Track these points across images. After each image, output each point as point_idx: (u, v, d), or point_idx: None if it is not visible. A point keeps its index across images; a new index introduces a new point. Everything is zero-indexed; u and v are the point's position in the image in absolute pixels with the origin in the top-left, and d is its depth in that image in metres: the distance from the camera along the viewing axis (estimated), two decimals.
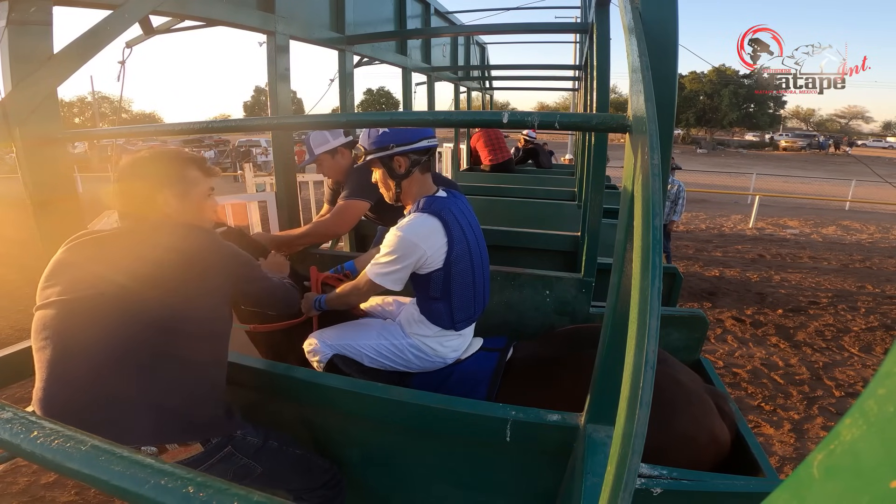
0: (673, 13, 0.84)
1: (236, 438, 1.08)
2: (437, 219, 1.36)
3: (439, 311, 1.42)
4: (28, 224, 1.34)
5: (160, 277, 0.98)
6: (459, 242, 1.38)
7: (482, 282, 1.50)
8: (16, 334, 3.84)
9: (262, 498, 0.42)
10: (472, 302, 1.46)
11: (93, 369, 0.93)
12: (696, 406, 1.23)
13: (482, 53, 6.11)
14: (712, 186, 13.97)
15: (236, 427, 1.09)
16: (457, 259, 1.37)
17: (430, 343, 1.46)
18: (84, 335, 0.94)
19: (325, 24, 2.52)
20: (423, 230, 1.34)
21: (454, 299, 1.40)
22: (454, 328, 1.44)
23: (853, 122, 46.95)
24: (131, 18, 1.33)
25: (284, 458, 1.18)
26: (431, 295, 1.41)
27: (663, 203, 0.66)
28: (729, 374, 3.34)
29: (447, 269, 1.37)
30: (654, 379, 0.52)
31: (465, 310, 1.44)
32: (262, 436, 1.14)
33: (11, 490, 2.24)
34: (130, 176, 1.10)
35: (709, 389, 1.35)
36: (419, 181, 1.45)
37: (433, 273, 1.38)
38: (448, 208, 1.39)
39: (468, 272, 1.41)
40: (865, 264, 6.33)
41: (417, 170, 1.44)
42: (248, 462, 1.10)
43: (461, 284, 1.40)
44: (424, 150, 1.44)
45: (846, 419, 0.18)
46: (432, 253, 1.34)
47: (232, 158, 19.91)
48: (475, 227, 1.50)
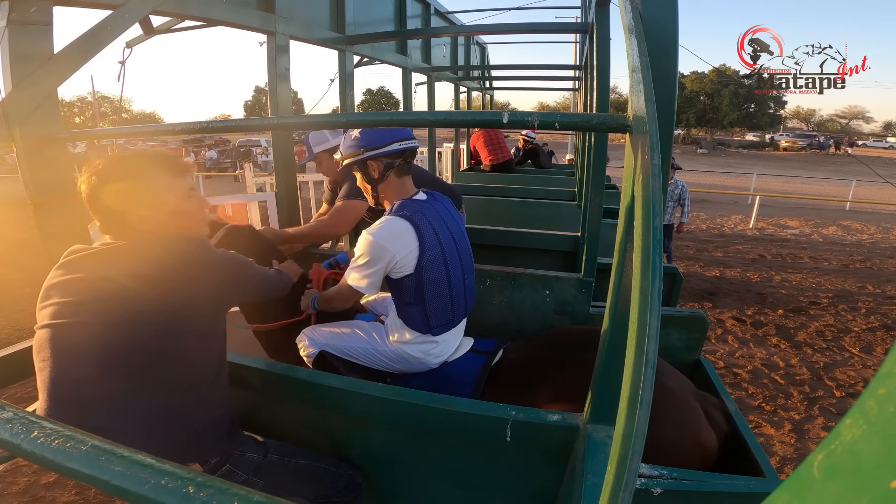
0: (673, 13, 0.84)
1: (234, 457, 1.07)
2: (407, 222, 1.33)
3: (415, 316, 1.40)
4: (28, 224, 1.34)
5: (148, 299, 0.93)
6: (432, 247, 1.34)
7: (461, 288, 1.46)
8: (16, 334, 3.84)
9: (263, 498, 0.42)
10: (450, 308, 1.43)
11: (84, 398, 0.91)
12: (683, 413, 1.22)
13: (482, 53, 6.11)
14: (713, 186, 13.97)
15: (235, 447, 1.09)
16: (429, 265, 1.34)
17: (411, 351, 1.44)
18: (73, 362, 0.92)
19: (325, 24, 2.52)
20: (391, 234, 1.32)
21: (428, 305, 1.38)
22: (431, 333, 1.41)
23: (853, 122, 46.97)
24: (131, 18, 1.33)
25: (286, 470, 1.17)
26: (405, 300, 1.39)
27: (664, 203, 0.66)
28: (729, 375, 3.34)
29: (418, 275, 1.34)
30: None
31: (441, 315, 1.41)
32: (262, 450, 1.13)
33: (11, 490, 2.24)
34: (94, 199, 0.99)
35: (699, 395, 1.34)
36: (396, 184, 1.43)
37: (405, 278, 1.36)
38: (421, 212, 1.36)
39: (442, 278, 1.38)
40: (866, 264, 6.33)
41: (392, 173, 1.42)
42: (248, 478, 1.09)
43: (435, 290, 1.37)
44: (398, 152, 1.41)
45: (846, 419, 0.18)
46: (402, 257, 1.32)
47: (232, 158, 19.92)
48: (455, 232, 1.47)
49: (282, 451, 1.18)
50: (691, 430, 1.21)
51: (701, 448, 1.20)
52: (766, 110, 37.73)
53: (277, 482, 1.15)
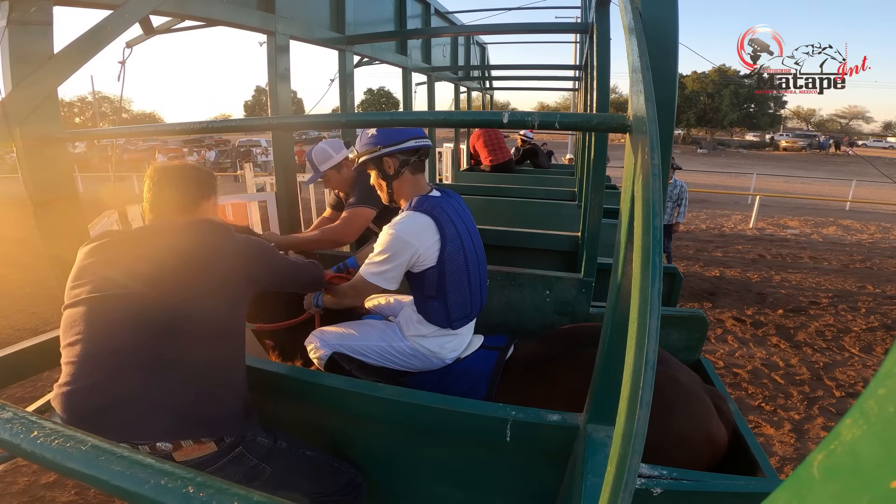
0: (673, 13, 0.84)
1: (247, 439, 1.09)
2: (428, 216, 1.37)
3: (436, 310, 1.43)
4: (28, 224, 1.34)
5: (181, 277, 1.02)
6: (452, 240, 1.39)
7: (478, 280, 1.50)
8: (16, 334, 3.84)
9: (263, 498, 0.42)
10: (469, 300, 1.46)
11: (113, 367, 0.96)
12: (693, 406, 1.23)
13: (482, 53, 6.11)
14: (713, 186, 13.97)
15: (249, 428, 1.10)
16: (450, 256, 1.38)
17: (428, 345, 1.46)
18: (103, 334, 0.97)
19: (325, 24, 2.52)
20: (414, 228, 1.35)
21: (449, 297, 1.41)
22: (451, 326, 1.44)
23: (853, 122, 46.93)
24: (131, 18, 1.33)
25: (294, 459, 1.18)
26: (427, 293, 1.42)
27: (664, 203, 0.66)
28: (729, 375, 3.34)
29: (441, 267, 1.38)
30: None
31: (462, 308, 1.45)
32: (273, 437, 1.15)
33: (11, 490, 2.24)
34: (172, 185, 1.16)
35: (708, 390, 1.35)
36: (411, 181, 1.47)
37: (427, 271, 1.39)
38: (440, 206, 1.40)
39: (462, 270, 1.42)
40: (866, 264, 6.33)
41: (408, 170, 1.46)
42: (258, 463, 1.10)
43: (456, 282, 1.41)
44: (413, 150, 1.46)
45: (846, 419, 0.18)
46: (424, 250, 1.35)
47: (232, 158, 19.92)
48: (470, 227, 1.51)
49: (290, 440, 1.20)
50: (703, 422, 1.22)
51: (711, 442, 1.21)
52: (766, 110, 37.72)
53: (284, 471, 1.16)
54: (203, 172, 1.24)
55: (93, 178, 12.51)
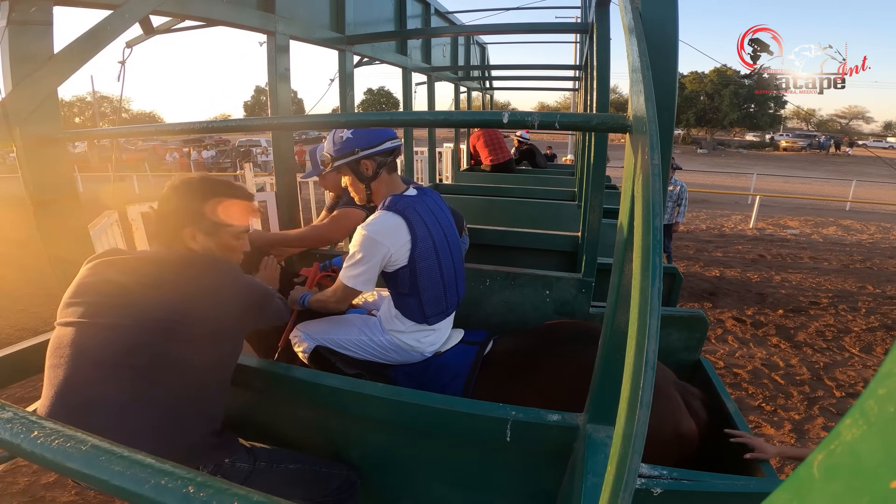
0: (673, 13, 0.84)
1: (225, 466, 1.08)
2: (399, 216, 1.39)
3: (411, 307, 1.45)
4: (28, 224, 1.34)
5: (176, 312, 0.99)
6: (423, 239, 1.40)
7: (452, 277, 1.52)
8: (16, 334, 3.85)
9: (262, 498, 0.42)
10: (443, 297, 1.49)
11: (95, 398, 0.94)
12: (660, 402, 1.24)
13: (482, 53, 6.11)
14: (713, 186, 13.97)
15: (228, 454, 1.09)
16: (421, 255, 1.40)
17: (406, 339, 1.49)
18: (87, 363, 0.95)
19: (325, 24, 2.52)
20: (385, 228, 1.37)
21: (423, 294, 1.44)
22: (427, 322, 1.47)
23: (853, 122, 46.93)
24: (131, 18, 1.33)
25: (276, 476, 1.17)
26: (401, 291, 1.45)
27: (664, 203, 0.66)
28: (729, 375, 3.34)
29: (412, 266, 1.40)
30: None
31: (436, 304, 1.47)
32: (252, 459, 1.14)
33: (11, 490, 2.24)
34: (165, 202, 1.12)
35: (680, 385, 1.37)
36: (387, 181, 1.50)
37: (399, 270, 1.41)
38: (413, 206, 1.42)
39: (434, 268, 1.44)
40: (866, 264, 6.33)
41: (384, 170, 1.49)
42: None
43: (428, 280, 1.43)
44: (389, 151, 1.48)
45: (846, 419, 0.18)
46: (396, 250, 1.37)
47: (232, 158, 19.91)
48: (445, 224, 1.52)
49: (271, 457, 1.18)
50: (670, 419, 1.24)
51: (680, 438, 1.23)
52: (766, 110, 37.68)
53: (270, 489, 1.15)
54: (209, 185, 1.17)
55: (93, 178, 12.52)
